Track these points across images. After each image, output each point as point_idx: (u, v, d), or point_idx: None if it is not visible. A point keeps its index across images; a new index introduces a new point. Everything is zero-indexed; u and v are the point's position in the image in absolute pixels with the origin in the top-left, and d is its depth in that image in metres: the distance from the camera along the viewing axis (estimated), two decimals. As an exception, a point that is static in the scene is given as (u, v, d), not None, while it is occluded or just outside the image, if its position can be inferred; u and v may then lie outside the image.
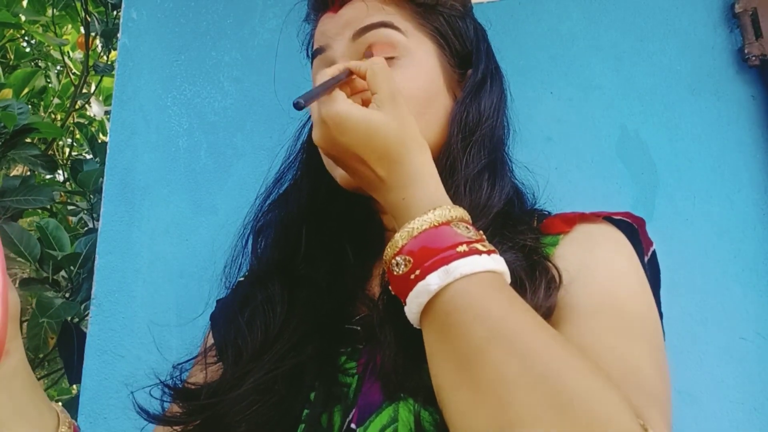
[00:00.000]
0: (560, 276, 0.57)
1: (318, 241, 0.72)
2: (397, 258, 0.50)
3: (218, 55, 1.07)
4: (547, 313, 0.55)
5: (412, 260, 0.48)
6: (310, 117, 0.77)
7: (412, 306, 0.48)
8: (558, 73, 1.03)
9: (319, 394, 0.59)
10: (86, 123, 2.20)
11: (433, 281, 0.46)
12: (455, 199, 0.60)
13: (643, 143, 0.99)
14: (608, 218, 0.65)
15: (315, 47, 0.71)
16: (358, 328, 0.64)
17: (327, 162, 0.68)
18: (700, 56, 1.01)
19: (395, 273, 0.50)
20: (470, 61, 0.70)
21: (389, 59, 0.64)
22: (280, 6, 1.10)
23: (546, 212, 0.70)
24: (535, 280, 0.57)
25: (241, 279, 0.76)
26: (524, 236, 0.62)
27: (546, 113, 1.01)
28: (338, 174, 0.65)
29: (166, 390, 0.65)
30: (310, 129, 0.76)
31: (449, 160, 0.64)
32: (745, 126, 0.97)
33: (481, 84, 0.69)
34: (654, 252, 0.66)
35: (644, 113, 1.00)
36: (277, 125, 1.06)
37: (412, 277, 0.48)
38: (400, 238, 0.50)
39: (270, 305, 0.66)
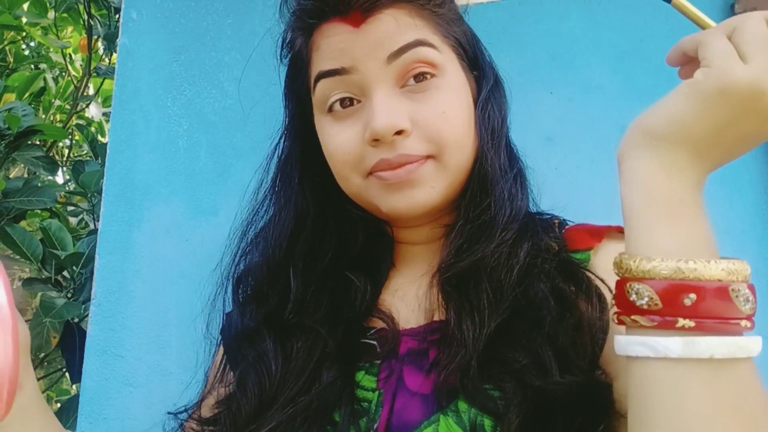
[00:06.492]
0: (611, 292, 0.55)
1: (310, 283, 0.68)
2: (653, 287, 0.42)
3: (218, 55, 1.07)
4: (603, 330, 0.56)
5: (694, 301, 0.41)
6: (282, 135, 0.76)
7: (672, 345, 0.41)
8: (558, 73, 1.03)
9: (342, 416, 0.59)
10: (85, 125, 2.20)
11: (719, 350, 0.40)
12: (499, 208, 0.62)
13: (643, 143, 0.99)
14: None
15: (329, 66, 0.62)
16: (374, 342, 0.64)
17: (361, 185, 0.64)
18: (700, 56, 1.01)
19: (637, 304, 0.43)
20: (476, 64, 0.69)
21: (426, 81, 0.61)
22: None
23: (559, 218, 0.70)
24: (587, 294, 0.57)
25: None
26: (554, 242, 0.63)
27: (546, 113, 1.01)
28: (402, 200, 0.61)
29: None
30: (284, 148, 0.75)
31: (486, 168, 0.64)
32: (745, 126, 0.97)
33: (494, 86, 0.69)
34: None
35: (644, 113, 1.00)
36: (277, 126, 1.05)
37: (686, 325, 0.41)
38: (669, 270, 0.42)
39: (263, 364, 0.64)
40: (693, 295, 0.40)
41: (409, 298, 0.67)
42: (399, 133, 0.60)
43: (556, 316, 0.57)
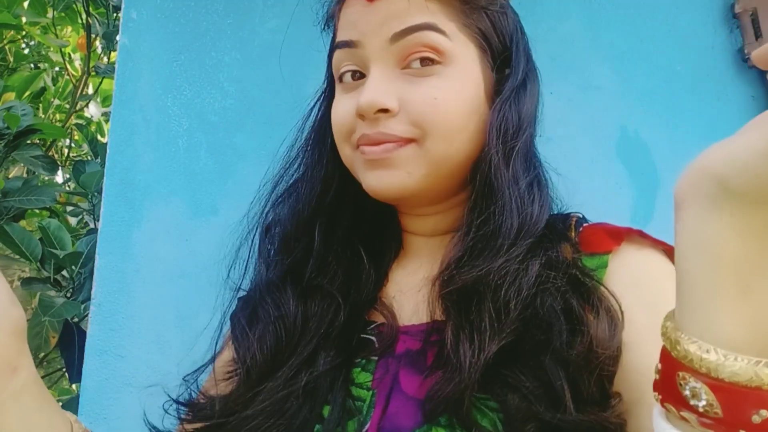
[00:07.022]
0: (622, 312, 0.54)
1: (331, 245, 0.69)
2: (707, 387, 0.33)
3: (218, 55, 1.07)
4: (613, 357, 0.51)
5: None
6: (319, 98, 0.75)
7: None
8: (558, 74, 1.03)
9: (333, 410, 0.58)
10: (85, 124, 2.20)
11: None
12: (504, 218, 0.58)
13: (643, 143, 0.99)
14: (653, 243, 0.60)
15: (342, 38, 0.63)
16: (373, 338, 0.63)
17: (351, 157, 0.64)
18: (700, 56, 1.01)
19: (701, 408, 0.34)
20: (507, 60, 0.65)
21: (431, 66, 0.60)
22: (280, 6, 1.10)
23: (578, 215, 0.67)
24: (595, 313, 0.53)
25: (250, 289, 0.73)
26: (566, 254, 0.58)
27: (546, 113, 1.01)
28: (376, 179, 0.61)
29: (177, 406, 0.65)
30: (322, 106, 0.73)
31: (491, 174, 0.60)
32: (745, 126, 0.97)
33: (521, 87, 0.64)
34: None
35: (644, 113, 1.00)
36: (277, 125, 1.06)
37: None
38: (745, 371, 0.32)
39: (282, 323, 0.64)
40: (765, 412, 0.31)
41: (411, 293, 0.65)
42: (384, 111, 0.59)
43: (566, 339, 0.52)
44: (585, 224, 0.65)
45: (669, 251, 0.59)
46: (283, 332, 0.63)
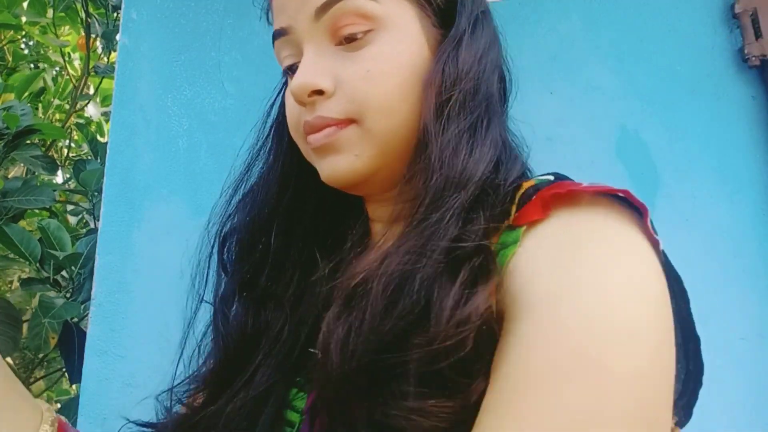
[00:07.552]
0: (494, 268, 0.44)
1: (289, 248, 0.64)
2: None
3: (218, 55, 1.07)
4: (465, 338, 0.41)
5: None
6: (280, 92, 0.72)
7: None
8: (558, 73, 1.03)
9: None
10: (84, 124, 2.19)
11: None
12: (428, 175, 0.50)
13: (643, 143, 0.99)
14: (604, 194, 0.48)
15: (276, 27, 0.58)
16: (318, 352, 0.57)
17: (305, 149, 0.59)
18: (700, 56, 1.01)
19: None
20: (451, 16, 0.58)
21: (363, 35, 0.53)
22: (280, 6, 1.10)
23: (547, 176, 0.54)
24: (454, 278, 0.44)
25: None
26: (489, 229, 0.48)
27: (546, 113, 1.01)
28: (327, 166, 0.56)
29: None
30: (281, 107, 0.69)
31: (424, 131, 0.52)
32: (745, 126, 0.97)
33: (462, 35, 0.56)
34: (664, 253, 0.47)
35: (644, 113, 1.00)
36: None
37: None
38: None
39: (228, 340, 0.61)
40: None
41: None
42: (319, 93, 0.54)
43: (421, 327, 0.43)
44: (545, 187, 0.50)
45: (641, 207, 0.47)
46: (230, 350, 0.60)
